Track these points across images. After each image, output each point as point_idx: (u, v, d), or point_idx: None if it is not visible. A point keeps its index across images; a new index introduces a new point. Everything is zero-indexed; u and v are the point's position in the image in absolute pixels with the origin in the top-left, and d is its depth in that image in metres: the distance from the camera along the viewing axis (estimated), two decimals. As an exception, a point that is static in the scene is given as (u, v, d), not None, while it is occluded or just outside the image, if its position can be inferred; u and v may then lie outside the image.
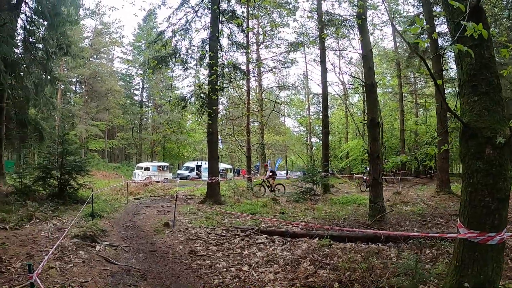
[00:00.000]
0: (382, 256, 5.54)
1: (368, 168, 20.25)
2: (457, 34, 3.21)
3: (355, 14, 13.34)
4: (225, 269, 5.59)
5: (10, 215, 8.49)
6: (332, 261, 5.46)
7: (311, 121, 38.78)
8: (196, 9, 15.44)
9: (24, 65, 15.38)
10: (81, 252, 5.93)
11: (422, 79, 30.92)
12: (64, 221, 8.76)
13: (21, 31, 15.62)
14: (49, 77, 16.80)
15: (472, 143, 3.23)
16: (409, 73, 32.40)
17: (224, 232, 8.32)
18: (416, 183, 23.57)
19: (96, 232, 7.05)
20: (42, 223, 8.29)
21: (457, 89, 3.54)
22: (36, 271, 3.33)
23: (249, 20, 21.39)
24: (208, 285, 4.94)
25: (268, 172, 18.04)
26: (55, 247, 5.09)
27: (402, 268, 4.58)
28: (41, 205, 10.21)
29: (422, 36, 17.52)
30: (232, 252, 6.59)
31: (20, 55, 15.32)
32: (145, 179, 27.04)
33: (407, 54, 24.90)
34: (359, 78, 21.10)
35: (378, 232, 6.68)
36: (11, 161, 26.68)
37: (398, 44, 30.72)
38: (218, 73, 14.53)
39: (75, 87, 48.78)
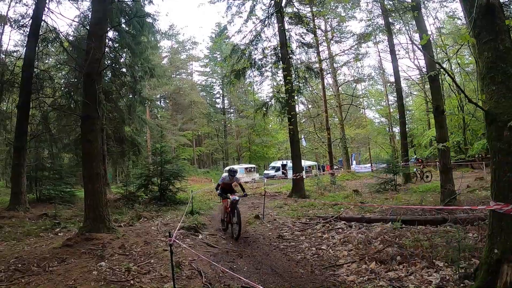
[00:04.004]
0: (447, 237, 5.98)
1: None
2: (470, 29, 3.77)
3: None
4: (306, 248, 6.69)
5: (121, 216, 10.34)
6: (400, 241, 6.13)
7: (391, 110, 37.54)
8: (261, 18, 16.54)
9: (115, 89, 17.69)
10: (187, 239, 7.37)
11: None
12: (168, 218, 10.37)
13: (106, 62, 17.46)
14: (138, 98, 19.01)
15: (493, 127, 3.72)
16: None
17: (308, 220, 9.37)
18: (504, 167, 22.00)
19: (198, 225, 8.54)
20: (150, 221, 9.93)
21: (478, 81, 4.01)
22: (172, 237, 4.59)
23: (315, 19, 21.80)
24: (292, 260, 6.08)
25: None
26: (175, 233, 6.36)
27: (457, 245, 5.12)
28: (146, 207, 12.17)
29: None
30: (314, 236, 7.66)
31: (110, 82, 17.58)
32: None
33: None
34: (420, 70, 20.57)
35: (446, 214, 7.23)
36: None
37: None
38: (293, 77, 15.46)
39: (160, 102, 52.98)
